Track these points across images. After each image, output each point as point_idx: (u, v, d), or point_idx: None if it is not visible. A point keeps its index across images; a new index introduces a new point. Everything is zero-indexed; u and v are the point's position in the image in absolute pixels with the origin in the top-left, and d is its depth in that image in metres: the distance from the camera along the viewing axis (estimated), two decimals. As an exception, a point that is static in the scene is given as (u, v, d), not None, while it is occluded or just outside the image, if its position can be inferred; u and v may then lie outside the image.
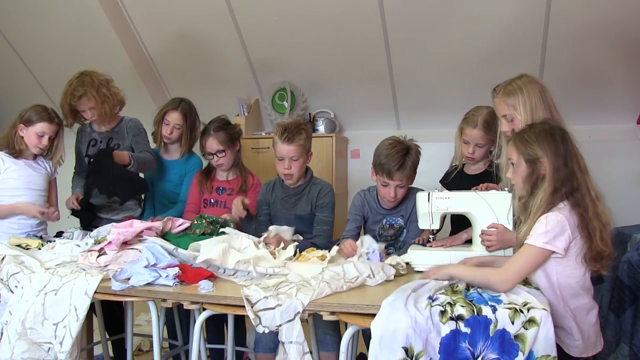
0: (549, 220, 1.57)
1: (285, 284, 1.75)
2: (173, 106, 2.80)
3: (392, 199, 2.23)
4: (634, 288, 2.29)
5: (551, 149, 1.62)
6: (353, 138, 4.17)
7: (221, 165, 2.66)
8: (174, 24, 3.81)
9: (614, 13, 3.07)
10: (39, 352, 1.84)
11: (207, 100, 3.71)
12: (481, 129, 2.27)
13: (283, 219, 2.44)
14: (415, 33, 3.45)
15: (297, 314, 1.59)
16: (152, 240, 2.06)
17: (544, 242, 1.56)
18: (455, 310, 1.44)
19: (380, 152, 2.20)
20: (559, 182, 1.60)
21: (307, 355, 1.59)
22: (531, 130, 1.69)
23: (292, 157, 2.36)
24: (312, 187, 2.46)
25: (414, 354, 1.40)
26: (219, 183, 2.71)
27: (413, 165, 2.20)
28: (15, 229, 2.50)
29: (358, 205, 2.37)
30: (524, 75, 2.04)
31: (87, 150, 2.80)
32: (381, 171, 2.19)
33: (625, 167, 3.56)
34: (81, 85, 2.60)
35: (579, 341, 1.60)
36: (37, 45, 4.12)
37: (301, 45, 3.73)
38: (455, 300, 1.48)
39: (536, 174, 1.64)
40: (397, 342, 1.40)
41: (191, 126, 2.81)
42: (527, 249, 1.59)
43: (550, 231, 1.56)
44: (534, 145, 1.64)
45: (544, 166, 1.63)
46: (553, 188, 1.60)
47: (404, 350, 1.40)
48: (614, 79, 3.42)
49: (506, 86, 2.01)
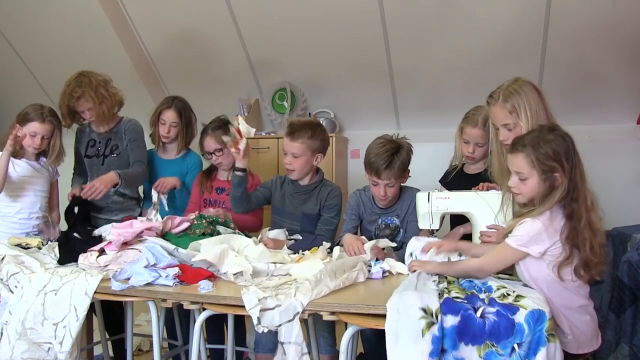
0: (530, 225, 1.59)
1: (285, 285, 1.74)
2: (167, 105, 2.80)
3: (383, 197, 2.24)
4: (634, 288, 2.29)
5: (568, 162, 1.60)
6: (353, 138, 4.17)
7: (221, 164, 2.68)
8: (174, 24, 3.81)
9: (613, 13, 3.07)
10: (39, 352, 1.84)
11: (207, 100, 3.72)
12: (481, 128, 2.26)
13: (290, 215, 2.45)
14: (415, 33, 3.45)
15: (297, 314, 1.59)
16: (152, 240, 2.06)
17: (519, 245, 1.61)
18: (451, 295, 1.54)
19: (370, 151, 2.21)
20: (565, 193, 1.59)
21: (306, 356, 1.59)
22: (545, 141, 1.62)
23: (293, 153, 2.38)
24: (322, 188, 2.47)
25: (432, 311, 1.44)
26: (219, 183, 2.72)
27: (402, 164, 2.19)
28: (17, 229, 2.50)
29: (353, 205, 2.37)
30: (518, 78, 1.94)
31: (85, 151, 2.79)
32: (370, 170, 2.20)
33: (625, 167, 3.56)
34: (79, 86, 2.59)
35: (570, 336, 1.60)
36: (37, 45, 4.12)
37: (301, 45, 3.73)
38: (450, 288, 1.59)
39: (550, 187, 1.61)
40: (415, 306, 1.44)
41: (187, 122, 2.82)
42: (504, 246, 1.64)
43: (526, 235, 1.59)
44: (550, 160, 1.60)
45: (558, 180, 1.60)
46: (559, 199, 1.59)
47: (422, 310, 1.44)
48: (614, 79, 3.42)
49: (503, 91, 1.90)
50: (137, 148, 2.76)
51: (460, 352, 1.42)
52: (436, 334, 1.41)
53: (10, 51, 4.23)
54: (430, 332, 1.41)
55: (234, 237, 2.13)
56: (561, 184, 1.59)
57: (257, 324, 1.58)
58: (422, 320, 1.42)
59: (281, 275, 1.89)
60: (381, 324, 1.56)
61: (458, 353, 1.42)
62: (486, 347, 1.41)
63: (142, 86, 4.13)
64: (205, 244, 2.03)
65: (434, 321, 1.42)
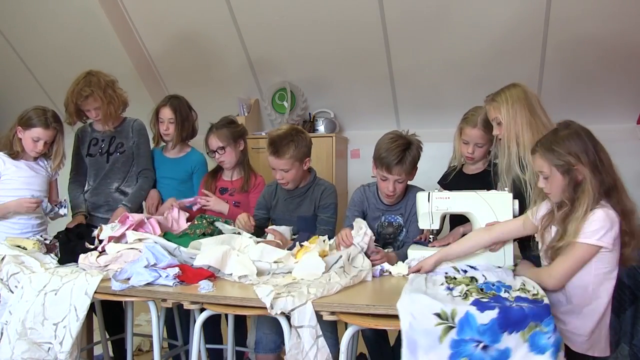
0: (598, 217, 1.59)
1: (295, 285, 1.75)
2: (163, 103, 2.82)
3: (391, 192, 2.22)
4: (634, 288, 2.29)
5: (583, 154, 1.62)
6: (353, 138, 4.17)
7: (223, 163, 2.68)
8: (175, 24, 3.81)
9: (613, 13, 3.07)
10: (39, 352, 1.84)
11: (207, 100, 3.71)
12: (481, 128, 2.27)
13: (285, 220, 2.44)
14: (416, 33, 3.45)
15: (309, 299, 1.61)
16: (153, 240, 2.06)
17: (597, 239, 1.59)
18: (472, 297, 1.55)
19: (381, 146, 2.20)
20: (598, 183, 1.61)
21: (321, 338, 1.60)
22: (556, 138, 1.67)
23: (281, 169, 2.37)
24: (315, 188, 2.46)
25: (448, 315, 1.44)
26: (222, 183, 2.72)
27: (413, 160, 2.19)
28: (16, 229, 2.50)
29: (357, 201, 2.36)
30: (512, 85, 2.14)
31: (88, 150, 2.79)
32: (380, 165, 2.18)
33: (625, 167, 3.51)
34: (88, 85, 2.60)
35: (584, 337, 1.63)
36: (38, 45, 4.11)
37: (301, 46, 3.73)
38: (471, 290, 1.58)
39: (573, 181, 1.63)
40: (429, 311, 1.45)
41: (183, 118, 2.80)
42: (577, 247, 1.61)
43: (601, 228, 1.59)
44: (564, 154, 1.63)
45: (580, 172, 1.62)
46: (595, 191, 1.61)
47: (437, 315, 1.44)
48: (614, 79, 3.42)
49: (495, 95, 2.14)
50: (144, 155, 2.80)
51: (503, 342, 1.42)
52: (455, 337, 1.42)
53: (10, 51, 4.22)
54: (449, 336, 1.42)
55: (234, 237, 2.13)
56: (585, 178, 1.61)
57: (271, 308, 1.59)
58: (438, 327, 1.43)
59: (283, 273, 1.89)
60: (381, 324, 1.56)
61: (501, 344, 1.42)
62: (530, 329, 1.42)
63: (143, 86, 4.13)
64: (206, 244, 2.04)
65: (452, 325, 1.43)
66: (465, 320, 1.43)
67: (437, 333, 1.43)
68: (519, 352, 1.41)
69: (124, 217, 2.24)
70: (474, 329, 1.42)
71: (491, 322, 1.42)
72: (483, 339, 1.42)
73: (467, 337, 1.42)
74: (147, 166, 2.82)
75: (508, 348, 1.42)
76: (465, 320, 1.43)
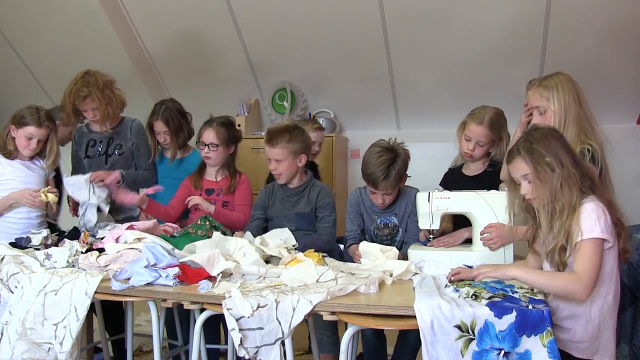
0: (588, 210, 1.57)
1: (273, 289, 1.72)
2: (154, 117, 2.80)
3: (381, 205, 2.29)
4: (634, 288, 2.29)
5: (562, 150, 1.62)
6: (353, 138, 4.17)
7: (208, 159, 2.64)
8: (174, 24, 3.81)
9: (613, 13, 3.07)
10: (39, 353, 1.84)
11: (207, 100, 3.72)
12: (486, 126, 2.26)
13: (284, 217, 2.46)
14: (416, 33, 3.45)
15: (278, 339, 1.58)
16: (152, 240, 2.06)
17: (599, 233, 1.54)
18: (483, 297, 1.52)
19: (368, 161, 2.23)
20: (580, 177, 1.60)
21: None
22: (533, 139, 1.66)
23: (275, 159, 2.42)
24: (312, 189, 2.49)
25: (468, 327, 1.44)
26: (208, 184, 2.69)
27: (398, 174, 2.20)
28: (17, 229, 2.48)
29: (354, 204, 2.40)
30: (560, 73, 2.02)
31: (86, 152, 2.78)
32: (367, 180, 2.24)
33: (625, 167, 3.55)
34: (86, 86, 2.59)
35: (587, 342, 1.61)
36: (37, 45, 4.11)
37: (301, 45, 3.73)
38: (479, 291, 1.55)
39: (559, 178, 1.60)
40: (449, 324, 1.44)
41: (176, 128, 2.79)
42: (587, 245, 1.54)
43: (598, 218, 1.54)
44: (545, 154, 1.62)
45: (564, 168, 1.60)
46: (580, 185, 1.60)
47: (457, 328, 1.44)
48: (614, 79, 3.42)
49: (542, 81, 2.00)
50: (144, 156, 2.81)
51: (523, 346, 1.42)
52: (475, 349, 1.43)
53: (10, 51, 4.22)
54: (470, 349, 1.43)
55: (229, 240, 2.13)
56: (570, 174, 1.60)
57: (239, 344, 1.58)
58: (458, 341, 1.43)
59: (272, 278, 1.87)
60: (381, 324, 1.56)
61: (521, 348, 1.42)
62: (549, 334, 1.41)
63: (143, 86, 4.13)
64: (201, 247, 2.04)
65: (472, 337, 1.43)
66: (484, 329, 1.43)
67: (458, 347, 1.43)
68: (538, 356, 1.42)
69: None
70: (492, 336, 1.42)
71: (509, 326, 1.42)
72: (503, 346, 1.42)
73: (487, 347, 1.43)
74: (147, 166, 2.82)
75: (528, 351, 1.42)
76: (484, 330, 1.43)
